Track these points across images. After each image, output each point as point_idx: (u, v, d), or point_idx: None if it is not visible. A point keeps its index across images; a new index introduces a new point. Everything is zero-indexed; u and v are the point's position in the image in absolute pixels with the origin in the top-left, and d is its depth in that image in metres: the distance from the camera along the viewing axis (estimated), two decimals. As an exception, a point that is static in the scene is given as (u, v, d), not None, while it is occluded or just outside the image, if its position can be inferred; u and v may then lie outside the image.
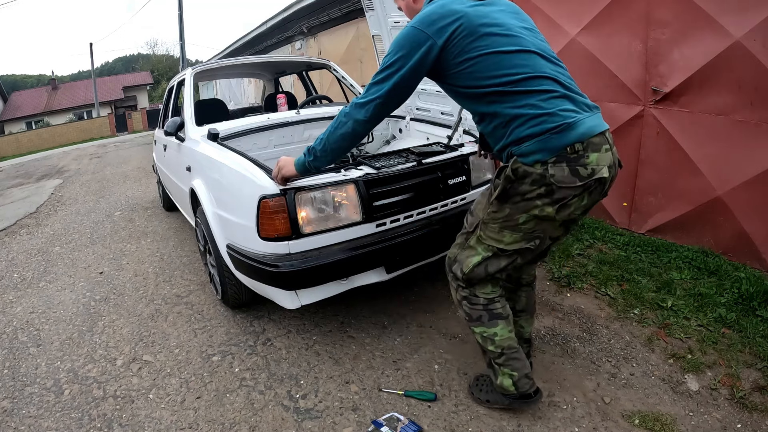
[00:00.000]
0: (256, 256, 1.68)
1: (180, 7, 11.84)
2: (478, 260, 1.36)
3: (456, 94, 1.34)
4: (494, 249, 1.33)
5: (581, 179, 1.18)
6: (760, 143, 2.19)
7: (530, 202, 1.23)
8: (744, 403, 1.47)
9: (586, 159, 1.18)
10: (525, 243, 1.29)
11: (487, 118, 1.28)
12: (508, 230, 1.29)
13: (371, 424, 1.45)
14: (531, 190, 1.22)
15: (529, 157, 1.20)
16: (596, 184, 1.21)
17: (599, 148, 1.20)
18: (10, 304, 2.61)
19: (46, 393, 1.76)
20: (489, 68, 1.21)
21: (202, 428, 1.51)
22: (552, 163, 1.18)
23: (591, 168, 1.18)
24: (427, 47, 1.22)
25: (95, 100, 23.38)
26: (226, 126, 2.50)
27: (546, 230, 1.29)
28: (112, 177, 7.08)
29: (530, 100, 1.19)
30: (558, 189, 1.19)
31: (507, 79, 1.20)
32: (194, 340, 2.03)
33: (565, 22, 3.02)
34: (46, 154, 14.50)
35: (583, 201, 1.22)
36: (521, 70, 1.20)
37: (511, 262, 1.35)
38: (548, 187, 1.20)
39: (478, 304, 1.41)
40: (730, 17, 2.20)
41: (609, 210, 3.01)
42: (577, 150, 1.18)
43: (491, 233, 1.32)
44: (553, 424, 1.43)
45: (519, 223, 1.27)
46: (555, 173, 1.18)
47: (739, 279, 2.14)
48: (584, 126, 1.18)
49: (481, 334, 1.42)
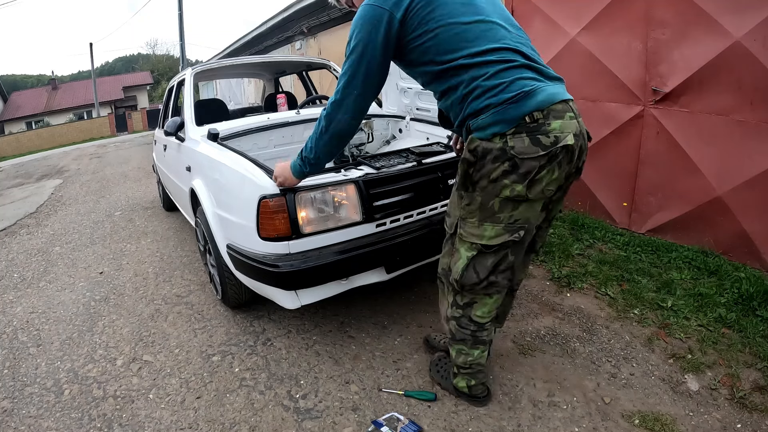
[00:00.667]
0: (256, 256, 1.68)
1: (180, 7, 11.84)
2: (464, 263, 1.28)
3: (418, 74, 1.29)
4: (478, 247, 1.25)
5: (544, 148, 1.12)
6: (760, 143, 2.19)
7: (498, 183, 1.17)
8: (744, 403, 1.47)
9: (547, 127, 1.12)
10: (508, 235, 1.22)
11: (447, 92, 1.23)
12: (487, 222, 1.22)
13: (371, 424, 1.45)
14: (494, 168, 1.15)
15: (487, 130, 1.15)
16: (563, 152, 1.14)
17: (562, 115, 1.14)
18: (10, 304, 2.61)
19: (46, 393, 1.76)
20: (448, 42, 1.17)
21: (202, 428, 1.51)
22: (511, 135, 1.13)
23: (554, 135, 1.12)
24: (387, 21, 1.17)
25: (95, 100, 23.38)
26: (226, 126, 2.51)
27: (527, 217, 1.22)
28: (112, 177, 7.08)
29: (489, 71, 1.14)
30: (522, 162, 1.13)
31: (467, 51, 1.15)
32: (194, 340, 2.03)
33: (565, 22, 3.02)
34: (46, 154, 14.50)
35: (553, 174, 1.15)
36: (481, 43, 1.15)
37: (500, 260, 1.26)
38: (511, 162, 1.13)
39: (467, 329, 1.39)
40: (730, 17, 2.20)
41: (609, 210, 3.01)
42: (536, 118, 1.12)
43: (471, 229, 1.25)
44: (553, 424, 1.43)
45: (495, 212, 1.20)
46: (515, 145, 1.12)
47: (739, 279, 2.14)
48: (544, 93, 1.13)
49: (460, 351, 1.46)
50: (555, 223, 3.01)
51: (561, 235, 2.81)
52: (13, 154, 17.95)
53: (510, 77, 1.14)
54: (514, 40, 1.19)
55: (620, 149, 2.85)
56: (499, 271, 1.29)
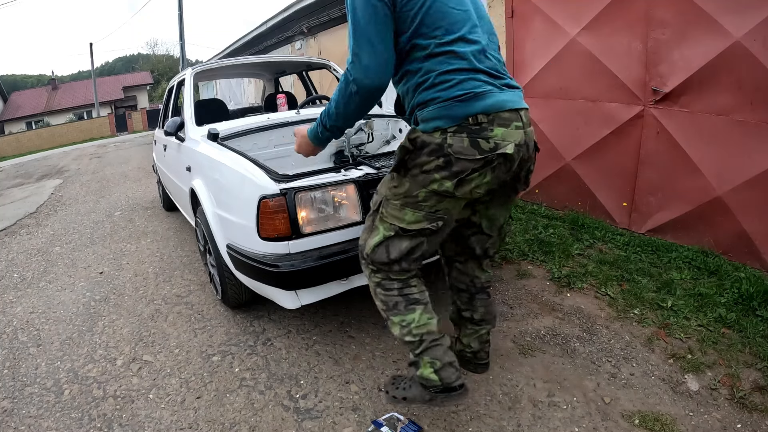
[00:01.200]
0: (256, 256, 1.68)
1: (180, 7, 11.84)
2: (378, 239, 1.29)
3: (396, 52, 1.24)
4: (396, 228, 1.25)
5: (481, 152, 1.12)
6: (760, 143, 2.19)
7: (429, 175, 1.17)
8: (744, 403, 1.47)
9: (489, 132, 1.13)
10: (427, 223, 1.22)
11: (406, 76, 1.22)
12: (409, 207, 1.22)
13: (371, 424, 1.45)
14: (429, 161, 1.16)
15: (430, 123, 1.16)
16: (500, 159, 1.15)
17: (507, 124, 1.15)
18: (10, 304, 2.61)
19: (46, 393, 1.76)
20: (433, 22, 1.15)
21: (202, 428, 1.51)
22: (452, 133, 1.13)
23: (494, 142, 1.13)
24: None
25: (95, 100, 23.38)
26: (226, 126, 2.51)
27: (449, 210, 1.23)
28: (112, 177, 7.08)
29: (446, 65, 1.14)
30: (456, 161, 1.13)
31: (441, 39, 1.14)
32: (194, 340, 2.03)
33: (565, 22, 3.02)
34: (46, 154, 14.50)
35: (485, 178, 1.16)
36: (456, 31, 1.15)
37: (414, 246, 1.26)
38: (446, 158, 1.14)
39: (393, 289, 1.32)
40: (730, 17, 2.20)
41: (609, 210, 3.01)
42: (480, 121, 1.12)
43: (393, 210, 1.25)
44: (553, 424, 1.43)
45: (419, 200, 1.20)
46: (453, 143, 1.13)
47: (739, 279, 2.14)
48: (494, 99, 1.14)
49: (400, 323, 1.31)
50: (555, 223, 3.01)
51: (561, 235, 2.81)
52: (13, 154, 17.96)
53: (464, 76, 1.14)
54: (486, 42, 1.19)
55: (620, 149, 2.85)
56: (411, 258, 1.29)
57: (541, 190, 3.46)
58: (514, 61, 3.48)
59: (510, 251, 2.66)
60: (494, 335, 1.90)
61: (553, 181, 3.34)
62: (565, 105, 3.14)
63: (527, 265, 2.52)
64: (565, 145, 3.19)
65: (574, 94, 3.06)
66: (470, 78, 1.14)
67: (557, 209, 3.31)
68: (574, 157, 3.13)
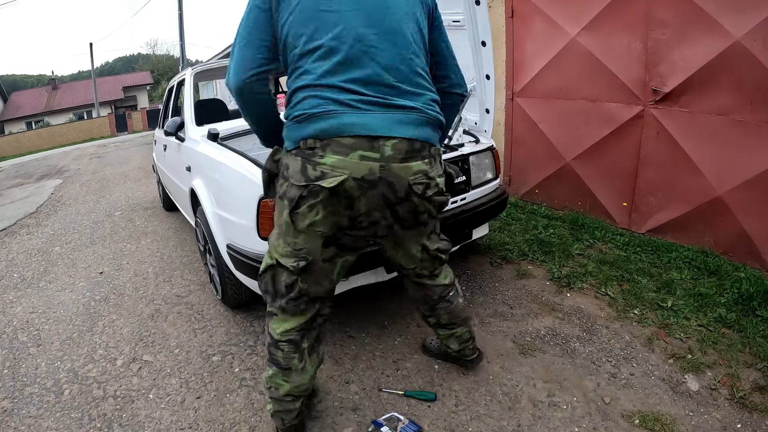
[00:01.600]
0: (256, 256, 1.68)
1: (180, 7, 11.84)
2: (263, 267, 1.19)
3: None
4: (275, 258, 1.15)
5: (306, 179, 1.01)
6: (760, 143, 2.19)
7: (281, 201, 1.09)
8: (744, 403, 1.47)
9: (318, 158, 1.00)
10: (291, 260, 1.11)
11: None
12: (281, 239, 1.13)
13: (371, 424, 1.45)
14: (280, 184, 1.09)
15: (286, 142, 1.09)
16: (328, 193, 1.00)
17: (347, 152, 0.99)
18: (10, 304, 2.61)
19: (46, 393, 1.76)
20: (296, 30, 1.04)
21: (202, 428, 1.51)
22: (294, 154, 1.05)
23: (321, 170, 0.99)
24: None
25: (95, 100, 23.37)
26: (226, 126, 2.51)
27: (308, 248, 1.10)
28: (112, 177, 7.08)
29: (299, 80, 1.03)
30: (290, 186, 1.04)
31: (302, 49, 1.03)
32: (194, 340, 2.03)
33: (565, 22, 3.02)
34: (46, 154, 14.50)
35: (316, 214, 1.03)
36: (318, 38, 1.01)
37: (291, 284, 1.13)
38: (286, 182, 1.06)
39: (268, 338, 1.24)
40: (730, 17, 2.20)
41: (609, 210, 3.01)
42: (310, 146, 1.01)
43: (272, 239, 1.17)
44: (553, 424, 1.43)
45: (284, 232, 1.11)
46: (289, 164, 1.05)
47: (739, 279, 2.14)
48: (334, 121, 0.99)
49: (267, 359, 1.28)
50: (555, 223, 3.01)
51: (561, 235, 2.81)
52: (13, 154, 17.96)
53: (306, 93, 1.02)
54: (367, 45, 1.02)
55: (620, 149, 2.85)
56: (289, 297, 1.16)
57: (541, 190, 3.46)
58: (514, 61, 3.48)
59: (510, 251, 2.66)
60: (494, 335, 1.90)
61: (553, 181, 3.34)
62: (565, 105, 3.14)
63: (527, 265, 2.52)
64: (565, 145, 3.19)
65: (574, 94, 3.06)
66: (311, 96, 1.02)
67: (557, 209, 3.31)
68: (574, 157, 3.13)
